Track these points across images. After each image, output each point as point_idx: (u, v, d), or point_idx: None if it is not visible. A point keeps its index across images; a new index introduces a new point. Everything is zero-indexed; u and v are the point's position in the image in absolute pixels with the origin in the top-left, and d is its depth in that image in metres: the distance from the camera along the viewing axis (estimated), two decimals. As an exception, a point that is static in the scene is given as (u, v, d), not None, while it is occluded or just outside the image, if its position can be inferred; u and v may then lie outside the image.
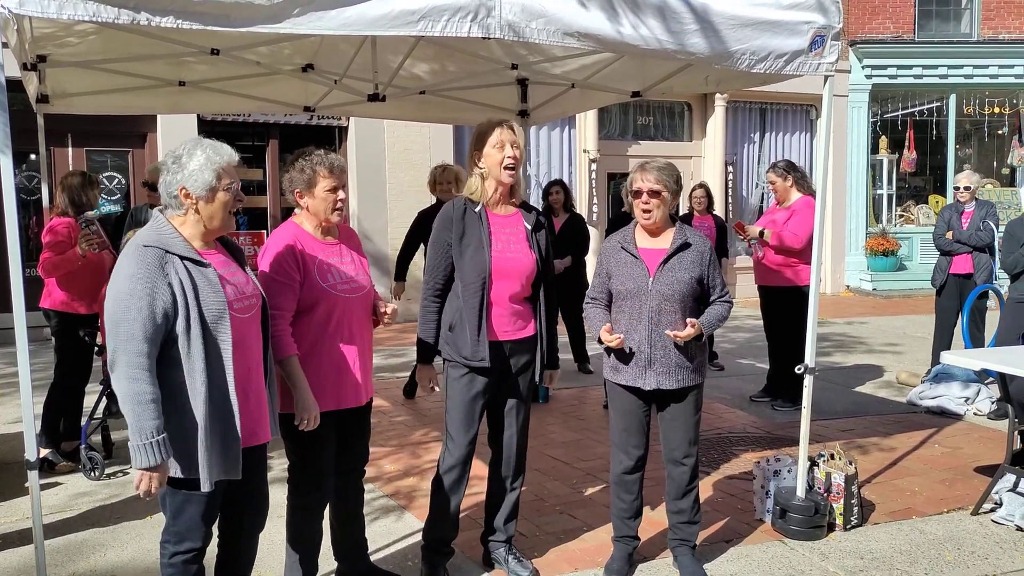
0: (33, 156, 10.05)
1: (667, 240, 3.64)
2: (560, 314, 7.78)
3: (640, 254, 3.62)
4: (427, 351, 3.62)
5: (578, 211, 8.07)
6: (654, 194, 3.55)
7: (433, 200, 6.94)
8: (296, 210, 3.38)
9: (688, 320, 3.54)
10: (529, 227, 3.60)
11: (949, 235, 7.27)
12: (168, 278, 2.58)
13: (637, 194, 3.59)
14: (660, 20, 3.49)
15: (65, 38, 4.61)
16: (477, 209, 3.53)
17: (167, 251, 2.61)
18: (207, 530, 2.81)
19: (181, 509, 2.75)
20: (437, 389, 3.66)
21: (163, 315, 2.56)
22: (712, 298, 3.69)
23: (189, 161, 2.68)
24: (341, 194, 3.25)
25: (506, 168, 3.48)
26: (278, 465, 5.18)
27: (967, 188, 7.29)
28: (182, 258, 2.64)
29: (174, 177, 2.69)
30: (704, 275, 3.62)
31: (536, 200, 11.68)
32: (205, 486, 2.67)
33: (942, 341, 7.37)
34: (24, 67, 4.76)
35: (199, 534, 2.78)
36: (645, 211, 3.58)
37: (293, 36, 4.78)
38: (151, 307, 2.53)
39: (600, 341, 3.58)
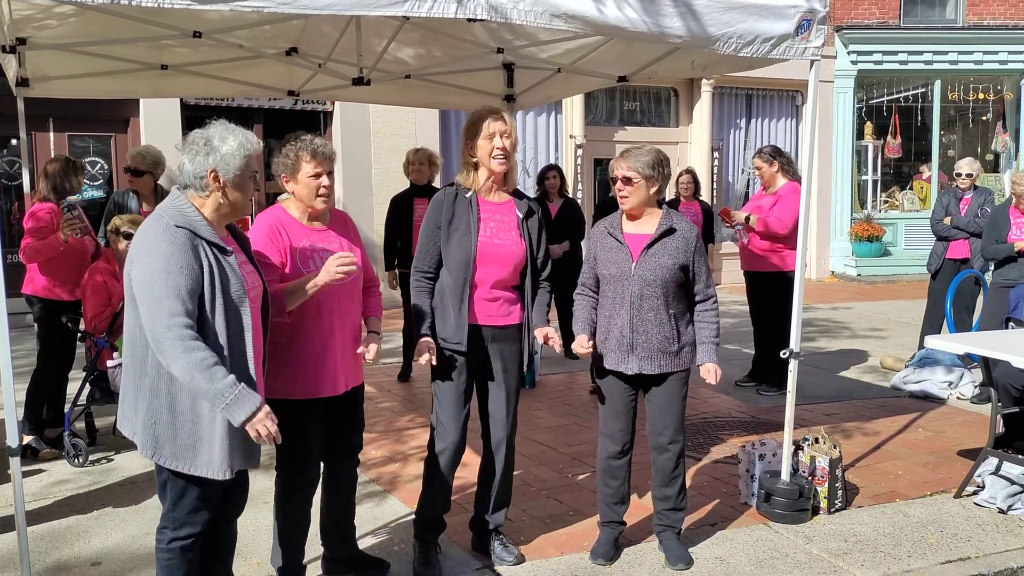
0: (14, 141, 9.94)
1: (653, 225, 3.66)
2: (554, 299, 7.79)
3: (625, 239, 3.65)
4: (424, 324, 3.55)
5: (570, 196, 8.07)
6: (626, 181, 3.62)
7: (408, 184, 7.05)
8: (283, 195, 3.35)
9: (707, 369, 3.64)
10: (521, 215, 3.60)
11: (947, 221, 7.30)
12: (199, 260, 2.60)
13: (614, 180, 3.69)
14: (647, 3, 3.48)
15: (45, 20, 4.54)
16: (468, 195, 3.53)
17: (196, 234, 2.63)
18: (207, 516, 2.80)
19: (183, 494, 2.73)
20: (434, 362, 3.51)
21: (197, 293, 2.57)
22: (696, 291, 3.68)
23: (221, 145, 2.69)
24: (325, 180, 3.18)
25: (495, 158, 3.48)
26: (265, 451, 5.16)
27: (968, 175, 7.31)
28: (209, 243, 2.65)
29: (205, 159, 2.69)
30: (689, 262, 3.63)
31: (526, 185, 11.67)
32: (225, 474, 2.66)
33: (933, 325, 7.41)
34: (3, 50, 4.69)
35: (200, 520, 2.78)
36: (622, 197, 3.66)
37: (277, 17, 4.75)
38: (188, 283, 2.54)
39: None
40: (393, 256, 6.96)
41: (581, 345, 3.65)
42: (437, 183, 7.10)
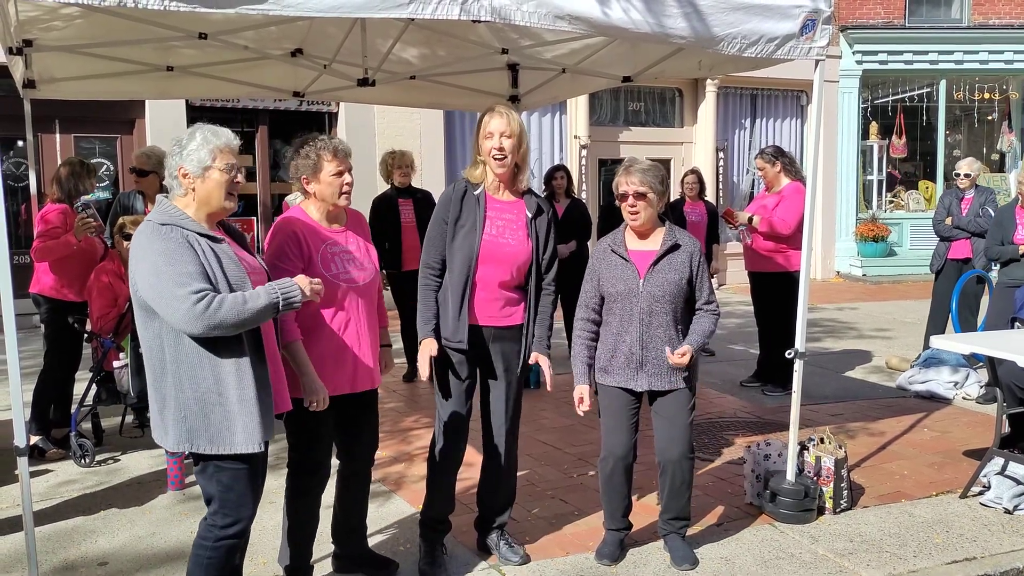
0: (20, 143, 9.97)
1: (657, 241, 3.64)
2: (560, 299, 7.81)
3: (630, 256, 3.62)
4: (428, 325, 3.54)
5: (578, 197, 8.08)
6: (640, 196, 3.56)
7: (387, 187, 7.08)
8: (289, 197, 3.36)
9: (681, 350, 3.54)
10: (530, 214, 3.58)
11: (948, 221, 7.30)
12: (193, 250, 2.66)
13: (623, 197, 3.59)
14: (651, 3, 3.48)
15: (51, 22, 4.56)
16: (477, 192, 3.52)
17: (183, 228, 2.70)
18: (255, 507, 2.84)
19: (231, 486, 2.77)
20: (435, 354, 3.51)
21: (204, 275, 2.64)
22: (698, 304, 3.68)
23: (188, 143, 2.77)
24: (347, 178, 3.24)
25: (494, 158, 3.46)
26: (271, 452, 5.17)
27: (967, 175, 7.32)
28: (199, 234, 2.72)
29: (174, 160, 2.78)
30: (694, 277, 3.63)
31: (535, 186, 11.66)
32: (256, 446, 2.72)
33: (937, 325, 7.40)
34: (10, 52, 4.71)
35: (248, 511, 2.82)
36: (633, 213, 3.59)
37: (282, 19, 4.75)
38: (193, 268, 2.62)
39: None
40: (380, 257, 6.99)
41: (581, 401, 3.61)
42: (418, 183, 7.16)
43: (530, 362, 3.66)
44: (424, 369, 3.50)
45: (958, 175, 7.40)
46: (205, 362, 2.67)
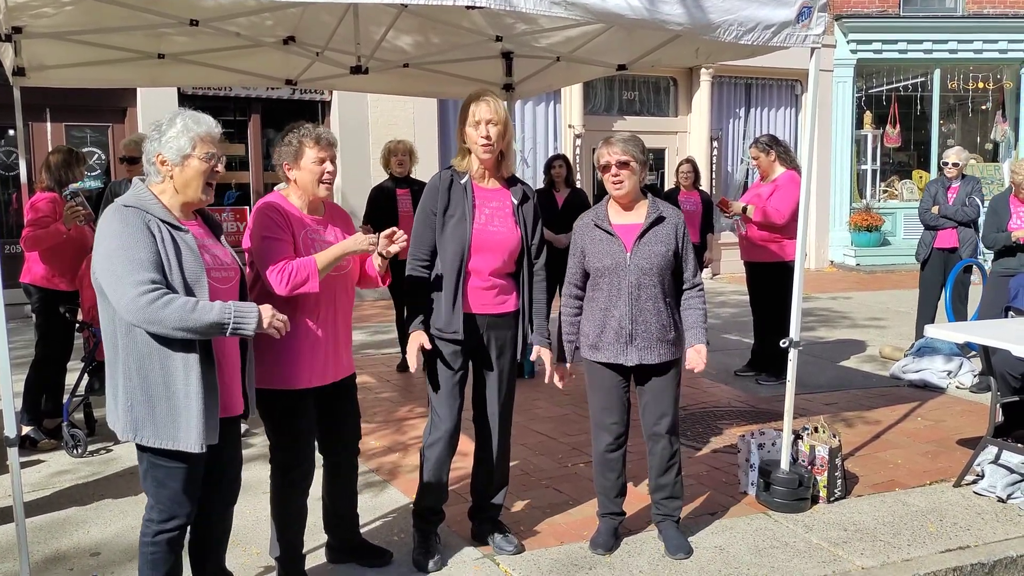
0: (11, 131, 9.90)
1: (641, 214, 3.64)
2: (559, 288, 7.78)
3: (615, 230, 3.61)
4: (417, 316, 3.53)
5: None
6: (623, 165, 3.56)
7: (386, 176, 7.03)
8: (280, 185, 3.34)
9: (692, 355, 3.63)
10: (516, 201, 3.57)
11: (935, 210, 7.30)
12: (152, 236, 2.60)
13: (606, 168, 3.60)
14: (647, -10, 3.45)
15: (41, 8, 4.50)
16: (463, 181, 3.51)
17: (148, 212, 2.64)
18: (192, 505, 2.79)
19: (164, 483, 2.72)
20: (428, 347, 3.48)
21: (158, 265, 2.58)
22: (685, 284, 3.68)
23: (168, 129, 2.71)
24: (328, 166, 3.20)
25: (481, 147, 3.45)
26: (261, 443, 5.16)
27: (955, 164, 7.32)
28: (162, 221, 2.66)
29: (152, 145, 2.72)
30: (679, 248, 3.63)
31: (525, 175, 11.63)
32: (202, 447, 2.66)
33: (926, 315, 7.42)
34: (-2, 38, 4.66)
35: (185, 509, 2.76)
36: (616, 183, 3.59)
37: (274, 5, 4.72)
38: (147, 255, 2.56)
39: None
40: None
41: (561, 378, 3.75)
42: (415, 174, 7.11)
43: (532, 358, 3.66)
44: (413, 361, 3.47)
45: (946, 164, 7.40)
46: (155, 354, 2.62)
